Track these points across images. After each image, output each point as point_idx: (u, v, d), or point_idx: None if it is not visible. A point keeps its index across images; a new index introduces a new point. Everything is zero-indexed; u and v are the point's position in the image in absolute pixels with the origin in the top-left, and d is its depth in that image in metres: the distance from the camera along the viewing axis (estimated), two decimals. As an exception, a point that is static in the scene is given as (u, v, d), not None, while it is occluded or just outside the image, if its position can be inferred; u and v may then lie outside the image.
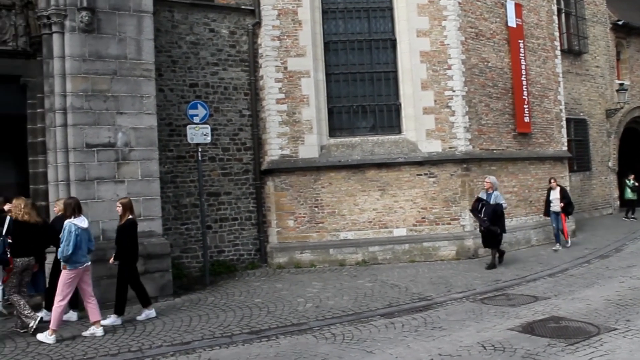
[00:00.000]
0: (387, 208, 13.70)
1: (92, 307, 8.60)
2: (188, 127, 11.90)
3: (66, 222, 8.36)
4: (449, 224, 13.85)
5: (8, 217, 8.89)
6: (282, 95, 13.66)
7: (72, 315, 9.29)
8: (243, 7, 14.04)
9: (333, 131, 14.12)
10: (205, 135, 11.89)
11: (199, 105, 12.02)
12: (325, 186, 13.55)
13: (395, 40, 14.43)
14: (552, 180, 15.17)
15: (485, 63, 14.85)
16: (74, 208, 8.44)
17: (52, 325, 8.19)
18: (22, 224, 8.66)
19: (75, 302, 9.15)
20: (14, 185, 12.94)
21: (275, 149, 13.57)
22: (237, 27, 14.01)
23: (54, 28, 10.12)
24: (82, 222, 8.46)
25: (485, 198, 12.71)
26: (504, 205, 12.83)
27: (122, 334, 8.41)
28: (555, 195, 14.97)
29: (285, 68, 13.74)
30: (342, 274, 12.53)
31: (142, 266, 10.19)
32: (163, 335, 8.25)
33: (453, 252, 13.70)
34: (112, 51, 10.41)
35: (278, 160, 13.57)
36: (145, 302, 9.40)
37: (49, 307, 8.95)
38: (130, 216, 9.29)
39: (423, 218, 13.74)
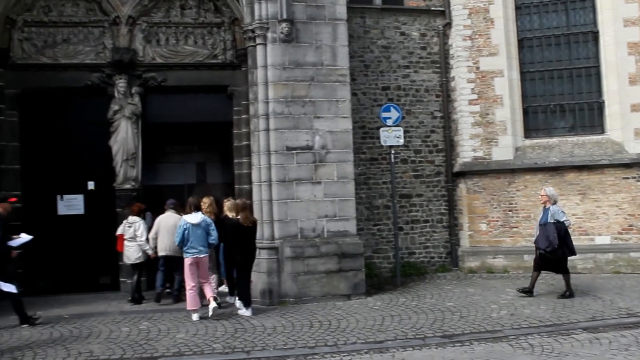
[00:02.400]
0: (588, 214, 12.79)
1: (190, 295, 9.55)
2: (381, 129, 12.16)
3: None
4: (663, 233, 12.57)
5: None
6: (475, 96, 13.38)
7: (246, 312, 9.79)
8: (433, 8, 14.01)
9: (528, 132, 13.52)
10: (398, 137, 12.05)
11: (391, 108, 12.22)
12: (520, 189, 13.01)
13: (597, 32, 13.44)
14: None
15: None
16: (190, 206, 9.71)
17: (188, 307, 9.50)
18: None
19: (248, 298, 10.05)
20: (221, 184, 14.19)
21: (467, 150, 13.36)
22: (428, 28, 14.00)
23: (258, 40, 10.87)
24: (193, 218, 9.50)
25: (540, 217, 10.50)
26: (567, 223, 10.30)
27: (319, 329, 8.73)
28: None
29: (477, 68, 13.46)
30: (538, 281, 11.88)
31: (337, 264, 10.61)
32: (357, 333, 8.44)
33: (667, 265, 12.40)
34: (310, 58, 10.92)
35: (470, 162, 13.33)
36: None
37: (231, 292, 10.44)
38: (230, 215, 10.22)
39: (630, 225, 12.60)
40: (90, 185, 11.96)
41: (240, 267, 10.00)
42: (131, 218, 10.84)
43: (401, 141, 12.20)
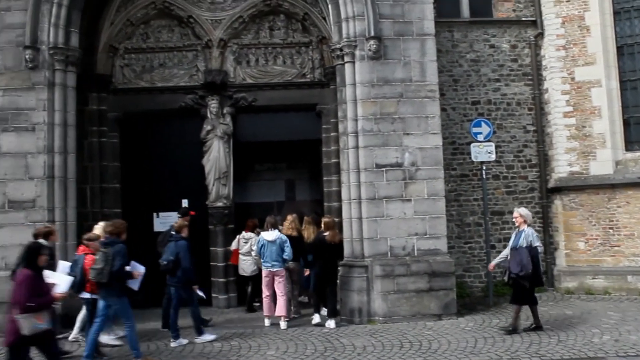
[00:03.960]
0: (698, 232, 11.92)
1: (266, 303, 10.54)
2: (472, 145, 11.91)
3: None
4: None
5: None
6: (570, 108, 12.82)
7: (332, 323, 10.20)
8: (524, 19, 13.62)
9: (630, 144, 12.74)
10: (489, 153, 11.78)
11: (482, 123, 11.97)
12: (621, 205, 12.28)
13: None
14: None
15: None
16: (268, 224, 10.43)
17: (264, 313, 10.51)
18: (288, 236, 10.56)
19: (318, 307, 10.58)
20: (310, 202, 14.32)
21: (563, 165, 12.80)
22: (518, 40, 13.62)
23: (346, 58, 10.90)
24: (269, 235, 10.28)
25: (512, 239, 9.64)
26: (539, 249, 9.50)
27: (409, 350, 8.60)
28: None
29: (572, 79, 12.89)
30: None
31: (427, 283, 10.42)
32: (448, 355, 8.24)
33: None
34: (398, 75, 10.84)
35: (566, 177, 12.76)
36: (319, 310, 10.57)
37: (317, 310, 10.56)
38: (324, 232, 10.45)
39: None
40: (184, 203, 12.33)
41: (326, 281, 10.45)
42: (246, 234, 11.71)
43: (493, 157, 11.91)
